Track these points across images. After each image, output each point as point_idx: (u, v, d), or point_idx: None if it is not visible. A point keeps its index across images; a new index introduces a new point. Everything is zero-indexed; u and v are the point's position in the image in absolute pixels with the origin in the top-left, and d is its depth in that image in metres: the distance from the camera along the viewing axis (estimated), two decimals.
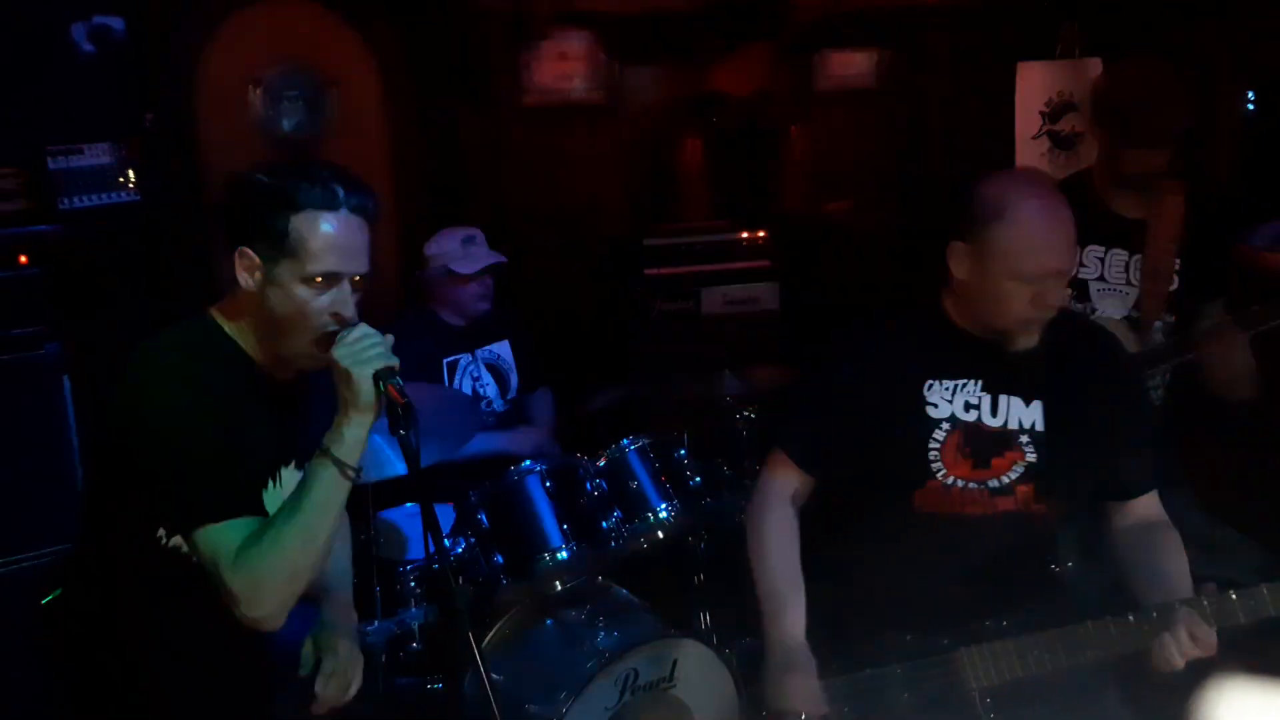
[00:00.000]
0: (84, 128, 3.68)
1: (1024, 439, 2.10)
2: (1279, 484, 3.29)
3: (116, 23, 3.75)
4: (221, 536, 1.71)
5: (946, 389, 2.12)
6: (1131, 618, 1.91)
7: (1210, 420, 2.89)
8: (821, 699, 2.01)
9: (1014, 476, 2.10)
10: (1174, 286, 2.76)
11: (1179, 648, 1.83)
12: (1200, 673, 1.85)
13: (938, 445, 2.10)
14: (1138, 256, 2.76)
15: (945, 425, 2.11)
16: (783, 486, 2.22)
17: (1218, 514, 2.90)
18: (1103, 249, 2.79)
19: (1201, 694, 1.72)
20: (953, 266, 2.07)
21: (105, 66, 3.72)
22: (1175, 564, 2.06)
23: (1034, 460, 2.09)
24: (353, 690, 2.05)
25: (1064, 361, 2.11)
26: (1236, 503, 3.03)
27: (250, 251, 1.80)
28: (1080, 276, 2.78)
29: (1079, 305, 2.78)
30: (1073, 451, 2.09)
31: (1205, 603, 1.88)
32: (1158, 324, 2.76)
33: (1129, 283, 2.78)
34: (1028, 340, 2.05)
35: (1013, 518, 2.10)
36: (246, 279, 1.82)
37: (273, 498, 1.86)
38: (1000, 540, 2.11)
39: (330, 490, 1.75)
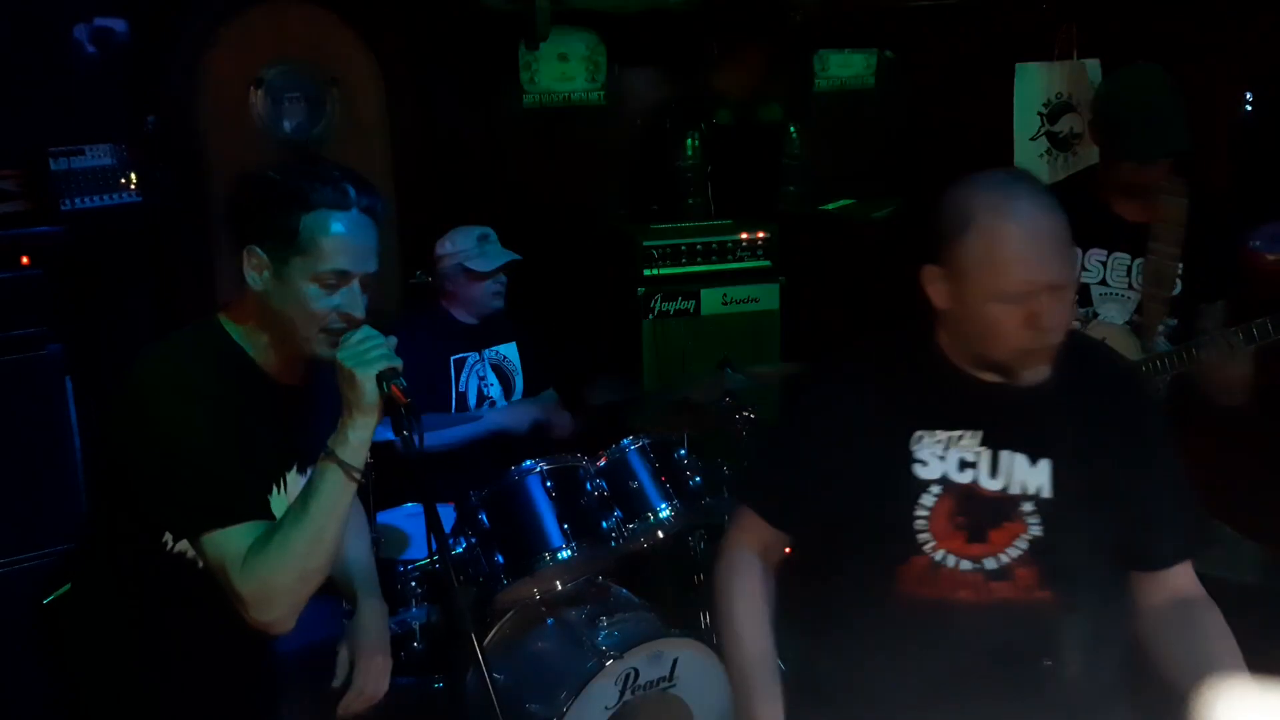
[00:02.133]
0: (86, 129, 3.68)
1: (1027, 507, 1.74)
2: (1279, 484, 3.30)
3: (118, 24, 3.76)
4: (228, 541, 1.72)
5: (938, 443, 1.76)
6: None
7: (1210, 420, 2.89)
8: None
9: (1014, 555, 1.74)
10: (1176, 291, 2.74)
11: None
12: (1200, 673, 1.84)
13: (926, 513, 1.75)
14: (1140, 260, 2.74)
15: (935, 488, 1.75)
16: (751, 545, 1.93)
17: (1218, 514, 2.91)
18: (1105, 252, 2.76)
19: (1201, 694, 1.71)
20: (930, 295, 1.73)
21: (107, 68, 3.73)
22: (1220, 645, 1.74)
23: (1039, 535, 1.73)
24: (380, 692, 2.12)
25: (1077, 406, 1.76)
26: (1236, 502, 3.03)
27: (259, 250, 1.81)
28: (1082, 280, 2.76)
29: (1080, 310, 2.77)
30: (1086, 523, 1.74)
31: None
32: (1160, 328, 2.74)
33: (1131, 287, 2.76)
34: (1035, 374, 1.73)
35: (1010, 607, 1.74)
36: (254, 278, 1.82)
37: (279, 502, 1.87)
38: (994, 634, 1.75)
39: (336, 493, 1.75)
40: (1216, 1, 3.98)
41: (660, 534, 3.10)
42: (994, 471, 1.75)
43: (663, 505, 3.09)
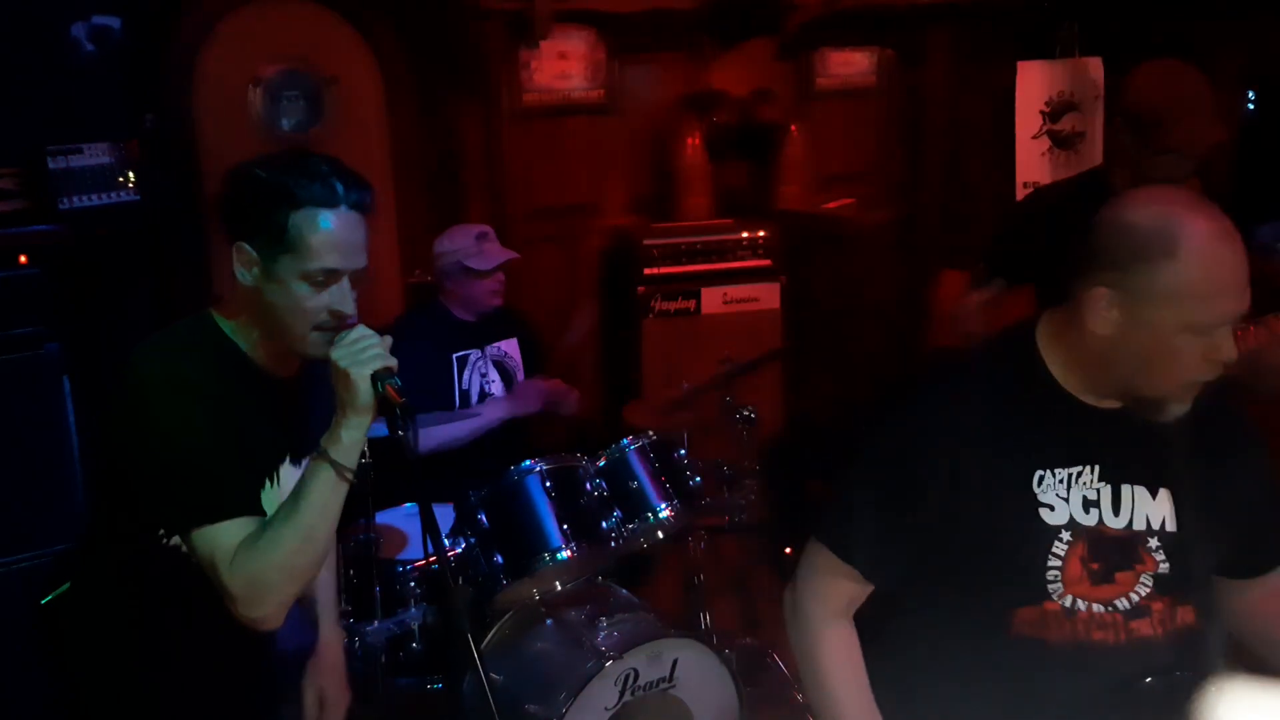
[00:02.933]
0: (84, 127, 3.67)
1: (1153, 543, 1.65)
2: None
3: (116, 22, 3.74)
4: (219, 537, 1.71)
5: (1060, 482, 1.63)
6: None
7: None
8: None
9: (1144, 593, 1.65)
10: None
11: None
12: (1200, 673, 1.83)
13: (1059, 562, 1.63)
14: None
15: (1066, 534, 1.63)
16: (839, 604, 1.76)
17: None
18: None
19: (1201, 694, 1.70)
20: (1089, 319, 1.58)
21: (105, 66, 3.72)
22: None
23: (1165, 571, 1.65)
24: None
25: (1186, 429, 1.63)
26: None
27: (248, 247, 1.80)
28: None
29: None
30: (1210, 549, 1.68)
31: None
32: None
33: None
34: (1180, 409, 1.60)
35: (1153, 642, 1.66)
36: (244, 274, 1.81)
37: (271, 497, 1.86)
38: (1138, 668, 1.66)
39: (328, 492, 1.75)
40: (1217, 1, 3.98)
41: (660, 534, 3.09)
42: (1116, 508, 1.65)
43: (662, 505, 3.08)
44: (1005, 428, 1.65)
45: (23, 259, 3.36)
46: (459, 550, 2.96)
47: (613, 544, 3.00)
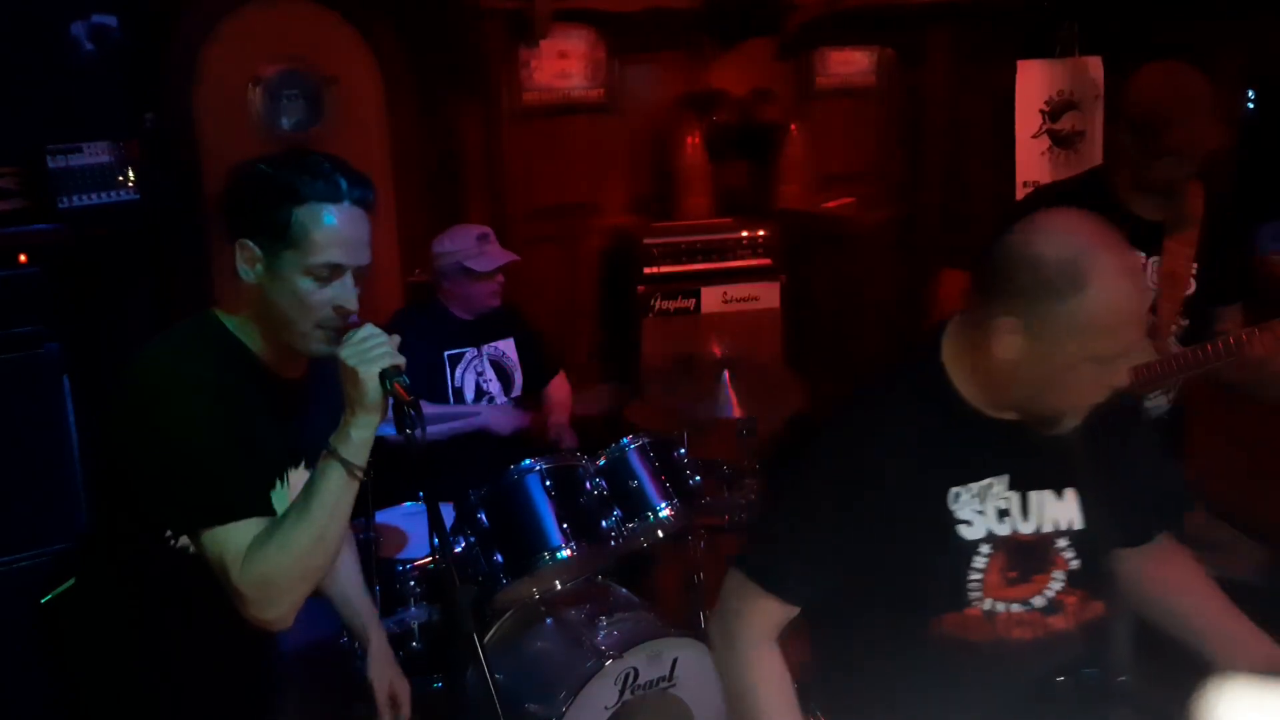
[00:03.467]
0: (83, 127, 3.67)
1: (1062, 543, 1.71)
2: (1279, 484, 3.29)
3: (116, 22, 3.74)
4: (229, 538, 1.71)
5: (974, 496, 1.67)
6: None
7: (1216, 419, 2.88)
8: None
9: (1057, 589, 1.72)
10: (1190, 291, 2.72)
11: None
12: (1200, 673, 1.84)
13: (980, 575, 1.68)
14: (1155, 259, 2.72)
15: (985, 547, 1.67)
16: (764, 630, 1.77)
17: (1217, 514, 2.90)
18: None
19: (1201, 694, 1.71)
20: (996, 346, 1.59)
21: (105, 65, 3.72)
22: (1207, 584, 1.82)
23: (1076, 568, 1.72)
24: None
25: (1086, 431, 1.68)
26: (1236, 503, 3.03)
27: (251, 244, 1.80)
28: None
29: None
30: (1113, 538, 1.75)
31: None
32: (1173, 328, 2.73)
33: (1145, 286, 2.74)
34: (1073, 424, 1.64)
35: (1067, 635, 1.73)
36: (247, 271, 1.81)
37: (280, 497, 1.86)
38: (1054, 661, 1.73)
39: (339, 490, 1.74)
40: (1217, 1, 3.98)
41: (660, 533, 3.09)
42: (1025, 514, 1.70)
43: (662, 505, 3.08)
44: (917, 450, 1.67)
45: (22, 258, 3.36)
46: (459, 549, 2.96)
47: (613, 543, 3.00)
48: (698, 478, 3.22)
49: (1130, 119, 2.69)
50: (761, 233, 4.81)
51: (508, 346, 3.77)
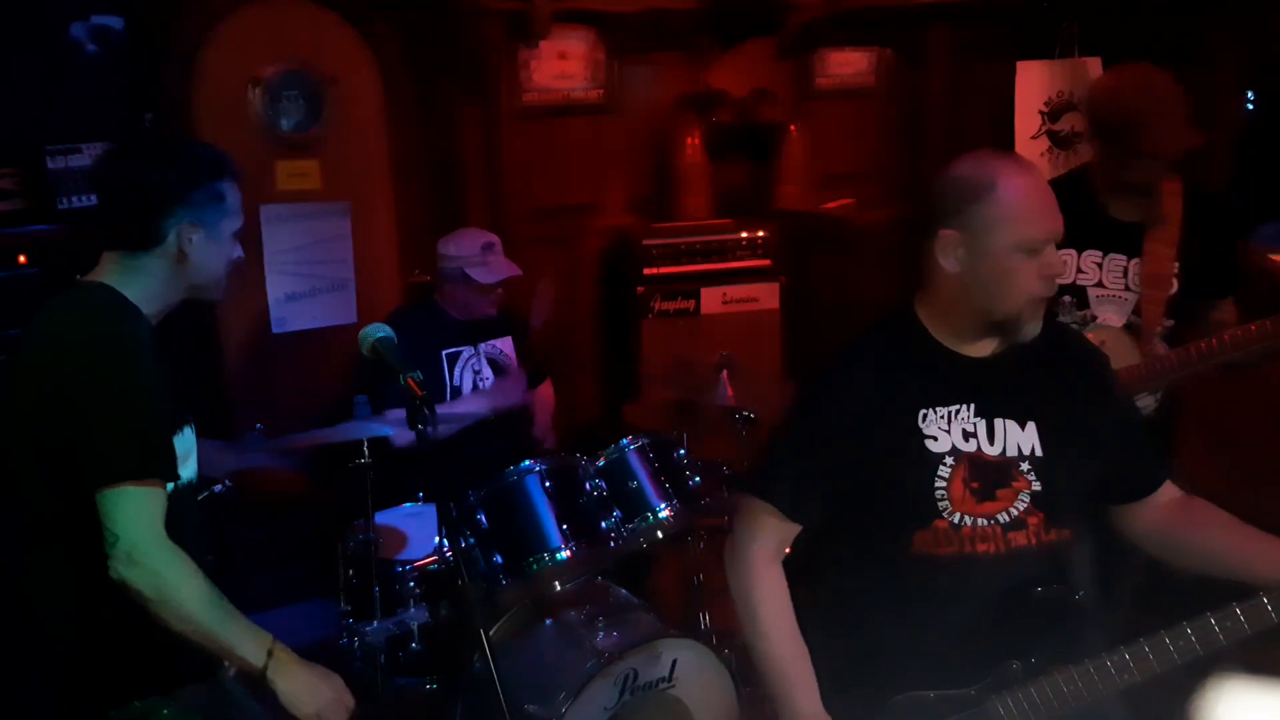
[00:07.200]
0: (83, 127, 3.67)
1: (1025, 466, 1.95)
2: (1278, 485, 3.29)
3: (115, 22, 3.74)
4: (140, 502, 1.77)
5: (941, 417, 1.95)
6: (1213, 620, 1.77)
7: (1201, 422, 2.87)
8: None
9: (1021, 508, 1.95)
10: (1173, 291, 2.72)
11: None
12: (1200, 673, 1.84)
13: (944, 482, 1.93)
14: (1136, 260, 2.72)
15: (949, 459, 1.93)
16: (767, 542, 2.04)
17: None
18: (1100, 254, 2.74)
19: (1201, 694, 1.72)
20: (942, 261, 1.91)
21: (104, 66, 3.72)
22: (1225, 519, 1.98)
23: (1038, 489, 1.95)
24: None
25: (1050, 373, 1.99)
26: (1225, 503, 3.03)
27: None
28: (1078, 283, 2.74)
29: (1077, 313, 2.76)
30: (1075, 470, 1.98)
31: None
32: (1158, 329, 2.73)
33: (1127, 288, 2.73)
34: (1035, 327, 1.91)
35: (1027, 551, 1.94)
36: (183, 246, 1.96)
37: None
38: (1014, 577, 1.93)
39: (244, 650, 1.85)
40: (1217, 1, 3.98)
41: (659, 534, 3.09)
42: (991, 438, 1.96)
43: (661, 505, 3.09)
44: (893, 379, 1.97)
45: (22, 259, 3.36)
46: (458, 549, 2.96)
47: (612, 544, 3.01)
48: (697, 478, 3.22)
49: (1101, 123, 2.69)
50: (761, 233, 4.81)
51: (505, 345, 3.78)
